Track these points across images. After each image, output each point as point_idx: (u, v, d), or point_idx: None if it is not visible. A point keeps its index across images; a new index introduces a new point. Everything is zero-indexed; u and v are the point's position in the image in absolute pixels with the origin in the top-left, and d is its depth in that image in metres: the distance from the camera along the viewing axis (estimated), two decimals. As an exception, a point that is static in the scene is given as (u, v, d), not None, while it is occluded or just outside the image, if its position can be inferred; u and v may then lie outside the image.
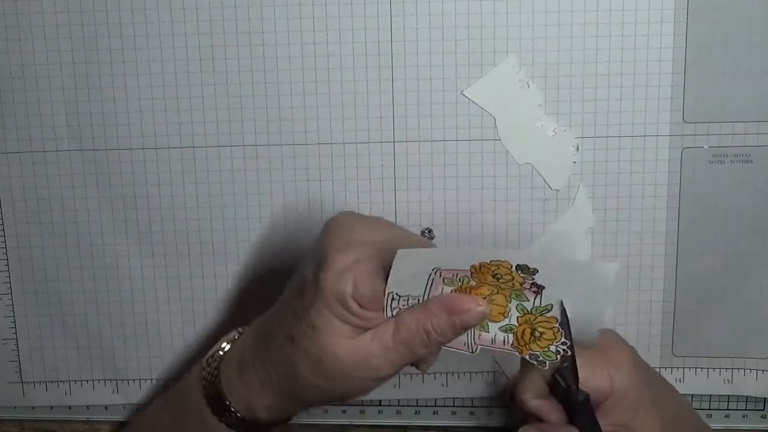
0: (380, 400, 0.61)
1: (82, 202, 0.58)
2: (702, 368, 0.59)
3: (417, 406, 0.61)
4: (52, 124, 0.57)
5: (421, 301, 0.44)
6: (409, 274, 0.44)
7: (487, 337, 0.45)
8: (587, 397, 0.47)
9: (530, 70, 0.55)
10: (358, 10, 0.55)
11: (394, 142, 0.56)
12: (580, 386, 0.47)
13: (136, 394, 0.61)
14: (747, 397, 0.59)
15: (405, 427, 0.62)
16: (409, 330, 0.44)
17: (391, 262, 0.44)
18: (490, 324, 0.45)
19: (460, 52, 0.55)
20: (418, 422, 0.62)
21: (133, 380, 0.61)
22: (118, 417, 0.62)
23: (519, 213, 0.57)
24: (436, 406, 0.61)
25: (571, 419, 0.47)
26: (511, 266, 0.43)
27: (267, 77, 0.56)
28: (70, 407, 0.62)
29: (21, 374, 0.61)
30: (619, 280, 0.58)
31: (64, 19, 0.56)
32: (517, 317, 0.45)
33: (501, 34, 0.55)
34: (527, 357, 0.45)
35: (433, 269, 0.44)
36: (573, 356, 0.46)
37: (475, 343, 0.45)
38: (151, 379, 0.61)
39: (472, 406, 0.61)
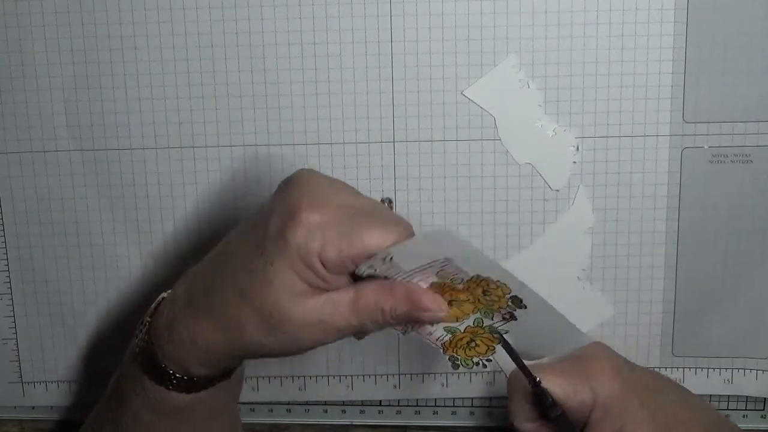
0: (380, 400, 0.61)
1: (82, 202, 0.58)
2: (702, 368, 0.59)
3: (417, 406, 0.61)
4: (52, 124, 0.57)
5: (402, 274, 0.43)
6: (423, 250, 0.43)
7: (428, 328, 0.45)
8: (562, 412, 0.47)
9: (530, 70, 0.55)
10: (358, 10, 0.55)
11: (394, 142, 0.56)
12: (564, 400, 0.48)
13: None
14: (747, 397, 0.59)
15: (405, 427, 0.62)
16: (367, 304, 0.43)
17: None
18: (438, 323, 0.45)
19: (460, 52, 0.55)
20: (418, 422, 0.62)
21: (133, 380, 0.61)
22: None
23: (519, 213, 0.57)
24: (436, 406, 0.61)
25: None
26: (509, 293, 0.44)
27: (267, 77, 0.56)
28: (69, 407, 0.62)
29: (21, 374, 0.61)
30: (619, 280, 0.58)
31: (64, 19, 0.56)
32: (467, 327, 0.45)
33: (501, 34, 0.55)
34: (447, 357, 0.46)
35: (445, 258, 0.43)
36: (536, 383, 0.47)
37: (411, 328, 0.46)
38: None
39: (472, 406, 0.61)
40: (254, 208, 0.58)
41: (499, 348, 0.46)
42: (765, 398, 0.60)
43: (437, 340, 0.46)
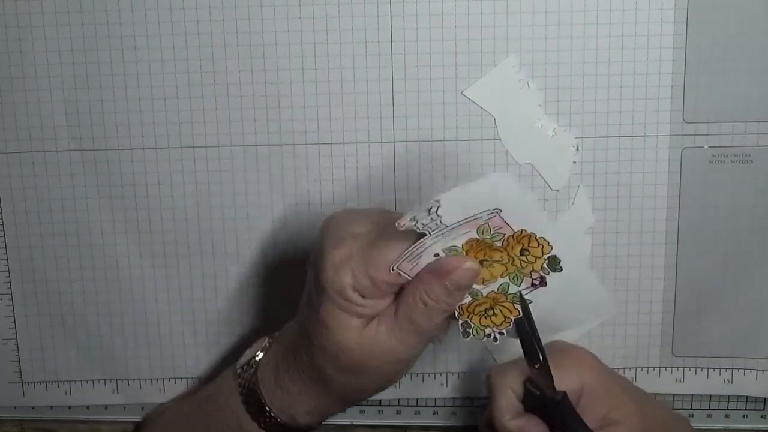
0: (380, 400, 0.61)
1: (82, 202, 0.58)
2: (702, 368, 0.59)
3: (417, 406, 0.61)
4: (52, 124, 0.57)
5: (440, 228, 0.43)
6: (473, 199, 0.42)
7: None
8: (564, 394, 0.48)
9: (530, 70, 0.55)
10: (358, 10, 0.55)
11: (394, 142, 0.56)
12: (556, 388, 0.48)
13: (136, 394, 0.61)
14: (747, 397, 0.59)
15: (405, 427, 0.62)
16: (407, 305, 0.45)
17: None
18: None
19: (460, 52, 0.55)
20: (418, 422, 0.62)
21: (133, 380, 0.61)
22: (118, 417, 0.62)
23: (519, 213, 0.57)
24: (436, 406, 0.61)
25: (552, 425, 0.48)
26: (548, 253, 0.43)
27: (267, 77, 0.56)
28: (70, 407, 0.62)
29: (21, 374, 0.61)
30: (619, 280, 0.58)
31: (64, 19, 0.56)
32: (490, 292, 0.45)
33: (501, 34, 0.55)
34: (459, 321, 0.46)
35: (494, 209, 0.43)
36: (545, 360, 0.47)
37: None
38: (151, 379, 0.61)
39: (472, 406, 0.61)
40: (254, 208, 0.58)
41: (499, 340, 0.46)
42: (765, 398, 0.60)
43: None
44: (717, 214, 0.56)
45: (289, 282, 0.58)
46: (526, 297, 0.46)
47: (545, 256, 0.44)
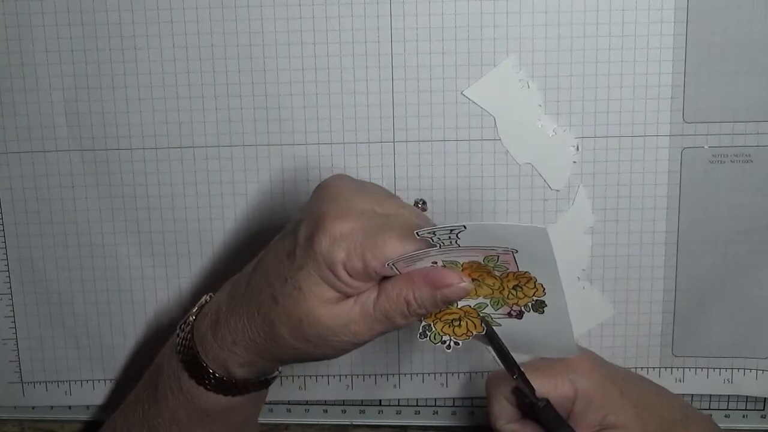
0: (380, 400, 0.61)
1: (82, 202, 0.58)
2: (702, 368, 0.59)
3: (417, 406, 0.61)
4: (52, 124, 0.57)
5: (447, 246, 0.44)
6: (496, 236, 0.43)
7: None
8: (547, 402, 0.48)
9: (530, 70, 0.55)
10: (358, 10, 0.55)
11: (394, 142, 0.56)
12: (545, 396, 0.49)
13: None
14: (747, 397, 0.59)
15: (405, 427, 0.62)
16: (390, 299, 0.44)
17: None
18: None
19: (460, 52, 0.55)
20: (418, 422, 0.62)
21: (133, 380, 0.61)
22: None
23: (519, 213, 0.57)
24: (436, 406, 0.61)
25: (547, 430, 0.49)
26: (539, 297, 0.44)
27: (267, 77, 0.56)
28: (70, 407, 0.62)
29: (21, 374, 0.61)
30: (619, 280, 0.58)
31: (64, 19, 0.56)
32: (465, 306, 0.45)
33: (501, 34, 0.55)
34: (422, 322, 0.46)
35: (512, 248, 0.43)
36: (521, 372, 0.48)
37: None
38: (151, 379, 0.61)
39: (472, 406, 0.61)
40: (254, 208, 0.58)
41: (452, 349, 0.47)
42: (765, 398, 0.60)
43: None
44: (717, 214, 0.56)
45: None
46: (497, 321, 0.47)
47: (534, 298, 0.45)
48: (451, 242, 0.43)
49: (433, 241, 0.43)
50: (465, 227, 0.42)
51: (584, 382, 0.49)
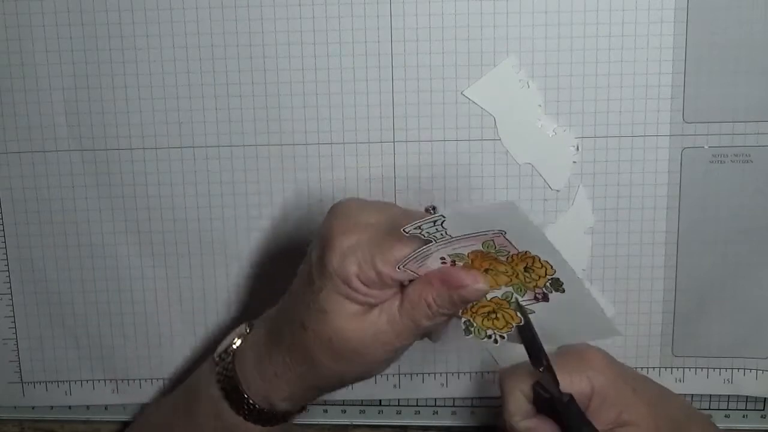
0: (380, 400, 0.61)
1: (82, 202, 0.58)
2: (702, 368, 0.59)
3: (417, 406, 0.61)
4: (52, 124, 0.57)
5: (445, 238, 0.44)
6: (477, 220, 0.43)
7: None
8: (571, 397, 0.48)
9: (530, 70, 0.55)
10: (358, 10, 0.55)
11: (394, 142, 0.56)
12: (562, 391, 0.48)
13: (136, 394, 0.61)
14: (747, 397, 0.59)
15: (405, 427, 0.62)
16: (412, 302, 0.45)
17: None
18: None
19: (460, 52, 0.55)
20: (418, 422, 0.62)
21: (133, 380, 0.61)
22: (118, 417, 0.62)
23: (519, 213, 0.57)
24: (436, 406, 0.61)
25: (563, 426, 0.48)
26: (552, 275, 0.44)
27: (267, 77, 0.56)
28: (70, 407, 0.62)
29: (21, 374, 0.61)
30: (619, 280, 0.58)
31: (64, 19, 0.56)
32: (494, 297, 0.45)
33: (501, 34, 0.55)
34: (461, 320, 0.46)
35: (498, 230, 0.43)
36: (549, 365, 0.47)
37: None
38: (151, 379, 0.61)
39: (472, 406, 0.61)
40: (254, 208, 0.58)
41: (500, 343, 0.46)
42: (765, 398, 0.60)
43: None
44: (717, 214, 0.56)
45: (290, 282, 0.58)
46: (528, 308, 0.46)
47: (548, 277, 0.45)
48: (441, 234, 0.43)
49: (424, 237, 0.43)
50: (444, 216, 0.42)
51: (600, 378, 0.49)
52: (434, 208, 0.55)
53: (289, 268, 0.49)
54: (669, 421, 0.50)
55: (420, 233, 0.43)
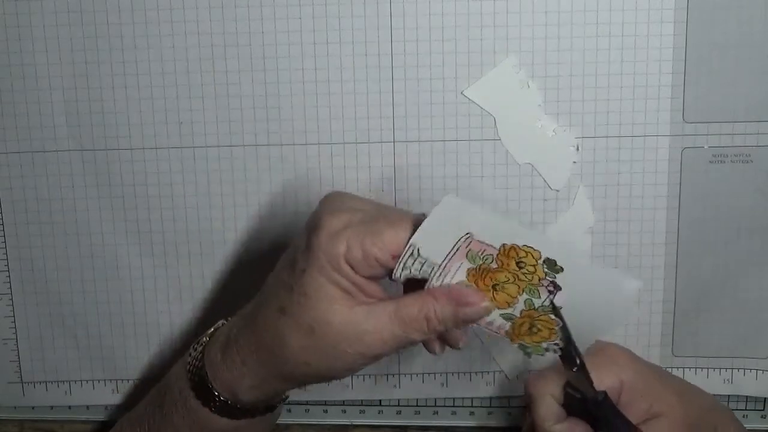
0: (380, 400, 0.61)
1: (82, 202, 0.58)
2: (702, 368, 0.59)
3: (417, 406, 0.61)
4: (52, 124, 0.57)
5: (437, 269, 0.44)
6: (441, 230, 0.43)
7: (485, 318, 0.45)
8: (605, 394, 0.47)
9: (530, 70, 0.55)
10: (358, 10, 0.55)
11: (394, 142, 0.56)
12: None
13: (136, 394, 0.61)
14: (747, 397, 0.59)
15: (405, 427, 0.62)
16: (410, 314, 0.44)
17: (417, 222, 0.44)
18: (494, 310, 0.45)
19: (460, 52, 0.55)
20: (418, 422, 0.62)
21: (133, 380, 0.61)
22: (118, 417, 0.62)
23: (519, 213, 0.57)
24: (436, 406, 0.61)
25: (596, 426, 0.48)
26: (540, 257, 0.43)
27: (267, 77, 0.56)
28: (70, 407, 0.62)
29: (21, 374, 0.61)
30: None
31: (64, 19, 0.56)
32: (521, 310, 0.45)
33: (501, 34, 0.55)
34: (516, 345, 0.45)
35: (466, 234, 0.43)
36: (583, 363, 0.46)
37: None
38: (151, 379, 0.61)
39: (472, 406, 0.61)
40: (254, 208, 0.58)
41: (560, 352, 0.46)
42: (765, 398, 0.60)
43: (498, 328, 0.46)
44: (717, 214, 0.56)
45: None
46: (554, 303, 0.45)
47: (539, 262, 0.44)
48: (428, 265, 0.44)
49: (418, 275, 0.44)
50: (413, 245, 0.43)
51: (628, 373, 0.49)
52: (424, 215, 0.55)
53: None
54: (697, 409, 0.50)
55: (410, 273, 0.43)
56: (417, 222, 0.44)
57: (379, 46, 0.55)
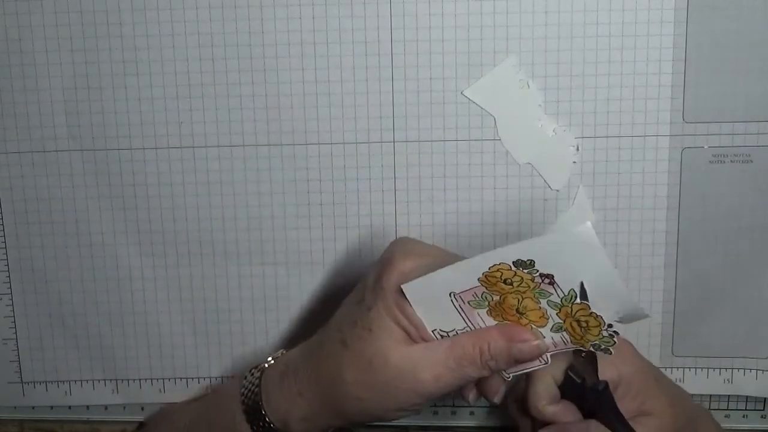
0: (380, 400, 0.61)
1: (82, 202, 0.58)
2: (702, 368, 0.59)
3: (417, 406, 0.61)
4: (52, 124, 0.57)
5: (468, 330, 0.46)
6: (434, 306, 0.45)
7: (546, 343, 0.46)
8: (606, 385, 0.47)
9: (530, 70, 0.55)
10: (358, 10, 0.55)
11: (394, 142, 0.56)
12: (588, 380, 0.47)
13: (136, 394, 0.61)
14: (747, 397, 0.59)
15: (405, 427, 0.62)
16: (465, 348, 0.45)
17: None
18: (540, 330, 0.46)
19: (460, 52, 0.55)
20: (418, 422, 0.62)
21: (133, 380, 0.61)
22: (118, 417, 0.62)
23: (519, 213, 0.57)
24: (436, 406, 0.61)
25: (587, 413, 0.48)
26: (510, 266, 0.43)
27: (267, 77, 0.56)
28: (70, 407, 0.62)
29: (21, 374, 0.61)
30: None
31: (64, 19, 0.56)
32: (556, 314, 0.45)
33: (501, 34, 0.55)
34: (591, 348, 0.45)
35: (450, 294, 0.45)
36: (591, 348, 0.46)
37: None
38: (151, 379, 0.61)
39: (472, 406, 0.61)
40: (254, 208, 0.58)
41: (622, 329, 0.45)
42: (765, 398, 0.60)
43: (566, 344, 0.46)
44: (717, 214, 0.56)
45: (289, 282, 0.58)
46: (576, 291, 0.45)
47: (514, 269, 0.44)
48: (455, 334, 0.46)
49: (439, 336, 0.46)
50: (431, 330, 0.46)
51: (627, 367, 0.49)
52: None
53: (289, 268, 0.49)
54: (684, 414, 0.50)
55: (442, 332, 0.46)
56: None
57: (379, 46, 0.55)
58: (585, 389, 0.47)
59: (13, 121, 0.57)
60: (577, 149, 0.56)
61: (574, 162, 0.56)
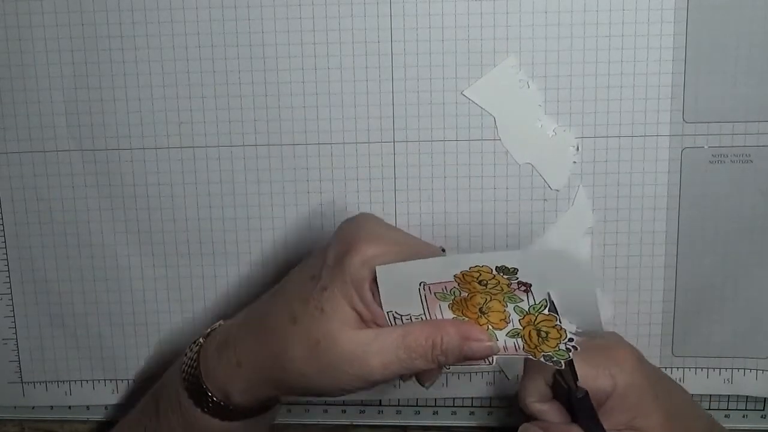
0: (380, 400, 0.61)
1: (82, 202, 0.58)
2: (702, 368, 0.59)
3: (417, 406, 0.61)
4: (52, 124, 0.57)
5: (423, 319, 0.45)
6: (400, 291, 0.45)
7: (498, 345, 0.46)
8: (586, 393, 0.47)
9: (530, 70, 0.55)
10: (358, 10, 0.55)
11: (394, 142, 0.56)
12: (582, 385, 0.47)
13: (136, 394, 0.61)
14: (747, 397, 0.59)
15: (405, 427, 0.62)
16: (417, 339, 0.45)
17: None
18: (496, 332, 0.45)
19: (460, 52, 0.55)
20: (418, 422, 0.62)
21: (133, 380, 0.61)
22: (118, 417, 0.62)
23: (519, 213, 0.57)
24: (436, 406, 0.61)
25: (574, 419, 0.48)
26: (491, 270, 0.43)
27: (267, 77, 0.56)
28: (70, 407, 0.62)
29: (21, 374, 0.61)
30: (619, 280, 0.58)
31: (64, 19, 0.56)
32: (519, 320, 0.45)
33: (501, 34, 0.55)
34: (541, 359, 0.45)
35: (420, 284, 0.45)
36: (571, 361, 0.46)
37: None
38: (151, 379, 0.60)
39: (472, 406, 0.61)
40: (254, 208, 0.58)
41: (579, 343, 0.45)
42: (765, 398, 0.60)
43: (517, 350, 0.46)
44: (717, 214, 0.56)
45: (289, 282, 0.59)
46: (547, 300, 0.45)
47: (494, 273, 0.44)
48: (409, 320, 0.45)
49: (401, 320, 0.46)
50: (387, 311, 0.45)
51: (625, 379, 0.48)
52: (443, 250, 0.54)
53: (289, 268, 0.49)
54: None
55: (394, 319, 0.45)
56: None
57: (379, 46, 0.55)
58: (570, 395, 0.47)
59: (13, 121, 0.57)
60: (577, 149, 0.56)
61: (574, 162, 0.56)
